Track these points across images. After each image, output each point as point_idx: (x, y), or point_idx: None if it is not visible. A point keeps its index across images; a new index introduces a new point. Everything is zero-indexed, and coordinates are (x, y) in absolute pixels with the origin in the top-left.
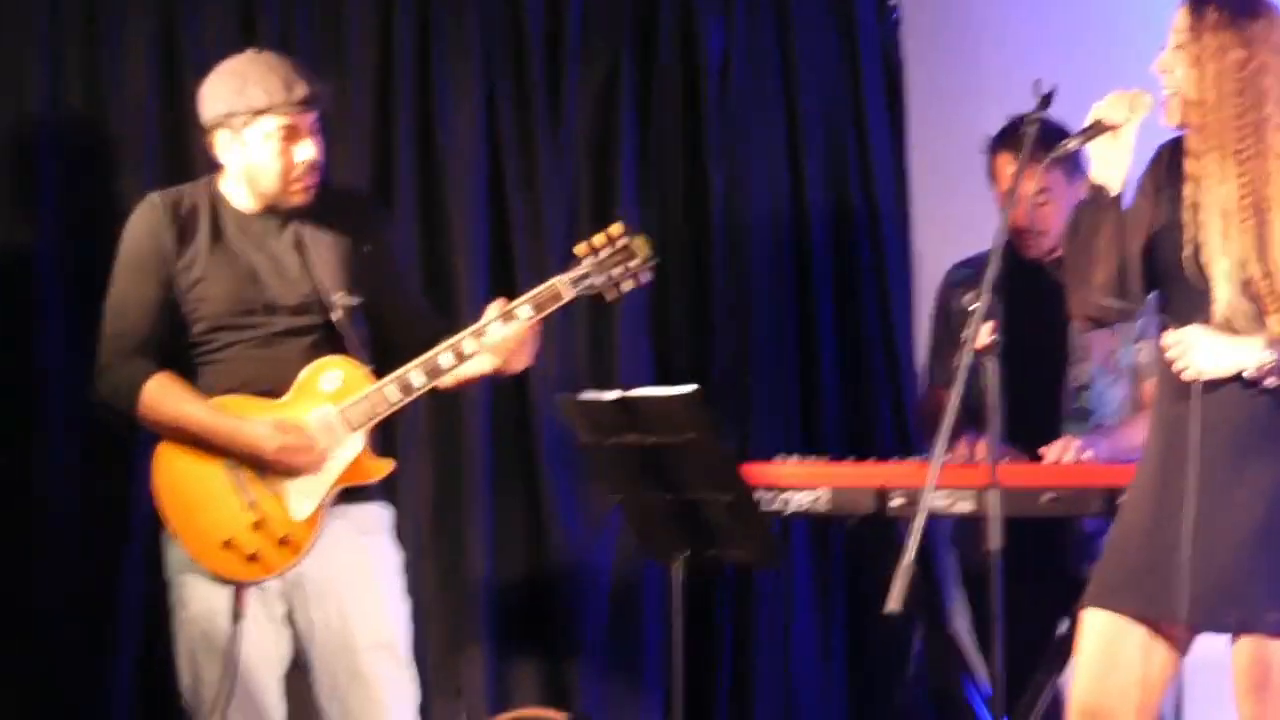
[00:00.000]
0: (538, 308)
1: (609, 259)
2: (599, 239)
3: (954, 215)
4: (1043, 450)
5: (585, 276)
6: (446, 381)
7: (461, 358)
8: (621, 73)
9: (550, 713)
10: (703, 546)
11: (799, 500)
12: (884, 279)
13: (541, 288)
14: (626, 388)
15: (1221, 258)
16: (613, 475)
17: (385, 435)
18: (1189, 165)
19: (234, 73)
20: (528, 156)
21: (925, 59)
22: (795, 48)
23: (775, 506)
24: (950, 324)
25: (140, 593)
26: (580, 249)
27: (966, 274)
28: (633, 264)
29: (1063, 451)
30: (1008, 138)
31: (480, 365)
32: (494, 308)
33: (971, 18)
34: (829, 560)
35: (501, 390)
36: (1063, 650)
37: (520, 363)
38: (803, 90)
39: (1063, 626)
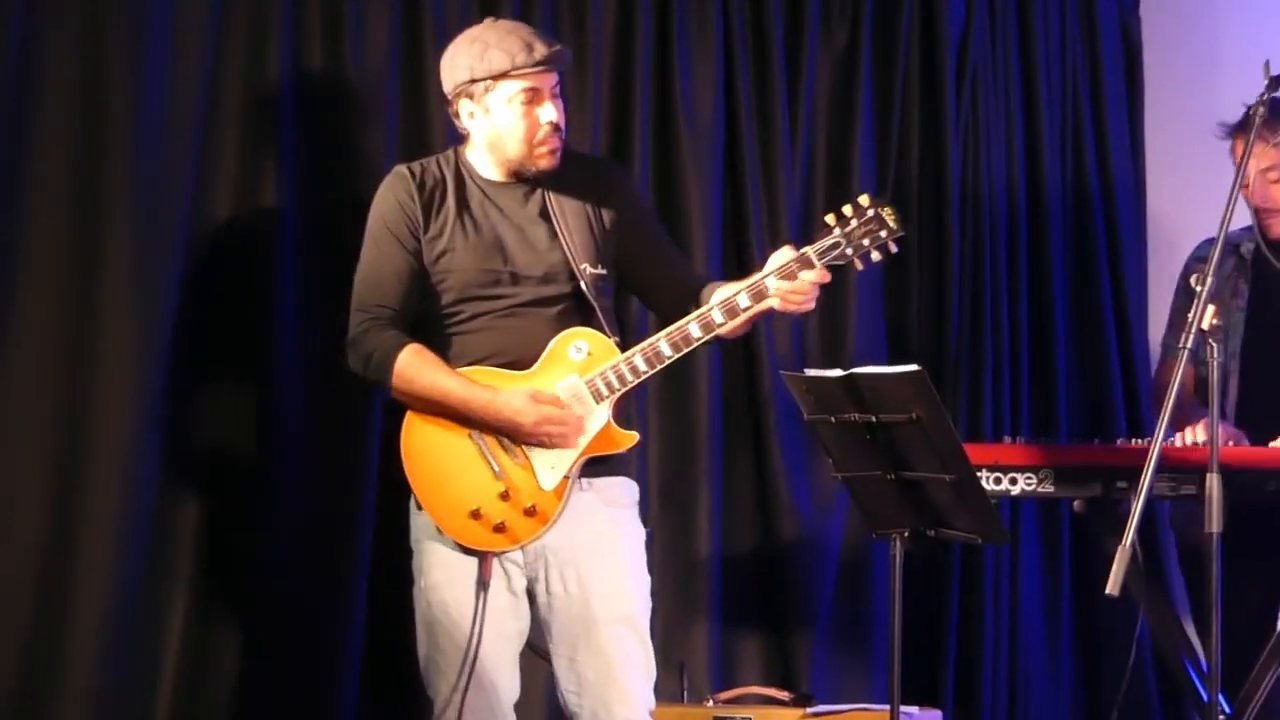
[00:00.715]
0: (787, 279)
1: (858, 229)
2: (848, 209)
3: (1189, 197)
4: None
5: (835, 246)
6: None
7: (711, 329)
8: (861, 46)
9: (774, 691)
10: (927, 524)
11: (1024, 481)
12: (1119, 260)
13: (790, 259)
14: (860, 365)
15: None
16: (838, 452)
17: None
18: None
19: (474, 39)
20: (765, 129)
21: (1163, 39)
22: (1034, 26)
23: (1001, 487)
24: (1190, 298)
25: (368, 568)
26: (829, 218)
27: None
28: (882, 234)
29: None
30: (1242, 124)
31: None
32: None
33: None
34: (1056, 541)
35: (731, 364)
36: None
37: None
38: (1041, 69)
39: None
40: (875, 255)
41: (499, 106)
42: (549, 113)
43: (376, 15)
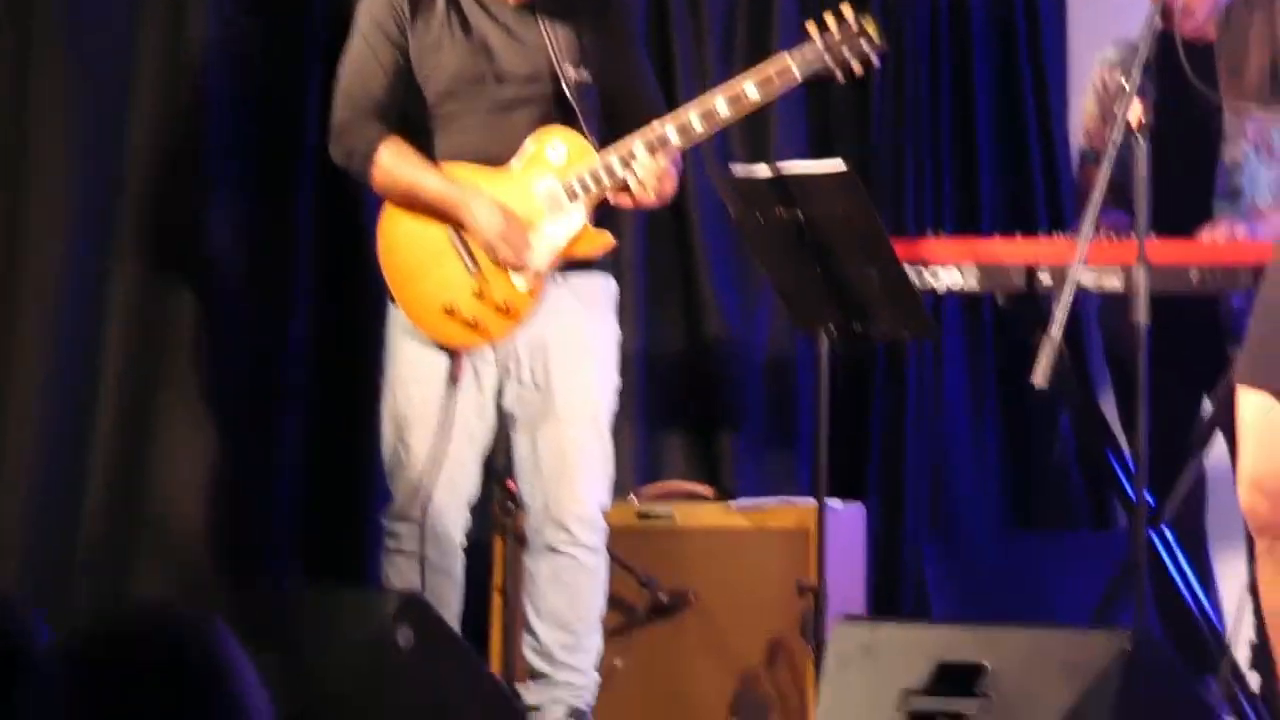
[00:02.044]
0: (763, 86)
1: (840, 40)
2: (829, 18)
3: None
4: (1200, 232)
5: (816, 57)
6: (624, 200)
7: (687, 133)
8: None
9: (698, 486)
10: (853, 320)
11: (948, 277)
12: (1039, 53)
13: (769, 65)
14: (782, 161)
15: None
16: (764, 249)
17: None
18: None
19: None
20: None
21: None
22: None
23: (926, 283)
24: (1101, 102)
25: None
26: (810, 27)
27: (1120, 53)
28: (865, 46)
29: (1220, 235)
30: None
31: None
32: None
33: None
34: (979, 336)
35: None
36: (1206, 429)
37: (662, 196)
38: None
39: (1206, 405)
40: (856, 68)
41: None
42: None
43: None
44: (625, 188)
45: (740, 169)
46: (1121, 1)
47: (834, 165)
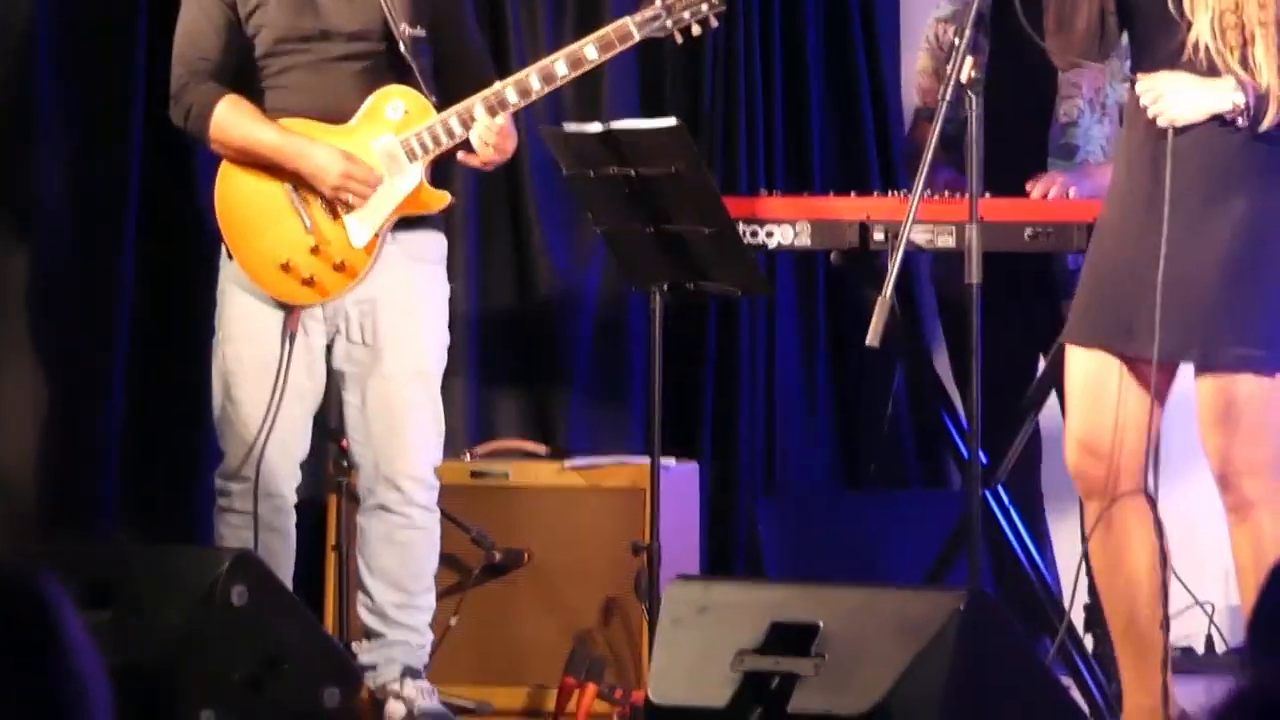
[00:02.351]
0: (604, 48)
1: (679, 1)
2: None
3: None
4: (1028, 185)
5: (654, 18)
6: (473, 159)
7: (527, 94)
8: None
9: (532, 444)
10: (686, 277)
11: (781, 234)
12: (871, 13)
13: (609, 28)
14: (614, 119)
15: None
16: (596, 206)
17: None
18: None
19: None
20: None
21: None
22: None
23: (759, 240)
24: (936, 60)
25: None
26: None
27: (956, 7)
28: (703, 7)
29: (1048, 187)
30: None
31: (483, 144)
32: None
33: None
34: (811, 294)
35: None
36: (1041, 388)
37: (503, 152)
38: None
39: (1040, 364)
40: (695, 29)
41: None
42: None
43: None
44: (468, 146)
45: (572, 126)
46: None
47: (665, 122)
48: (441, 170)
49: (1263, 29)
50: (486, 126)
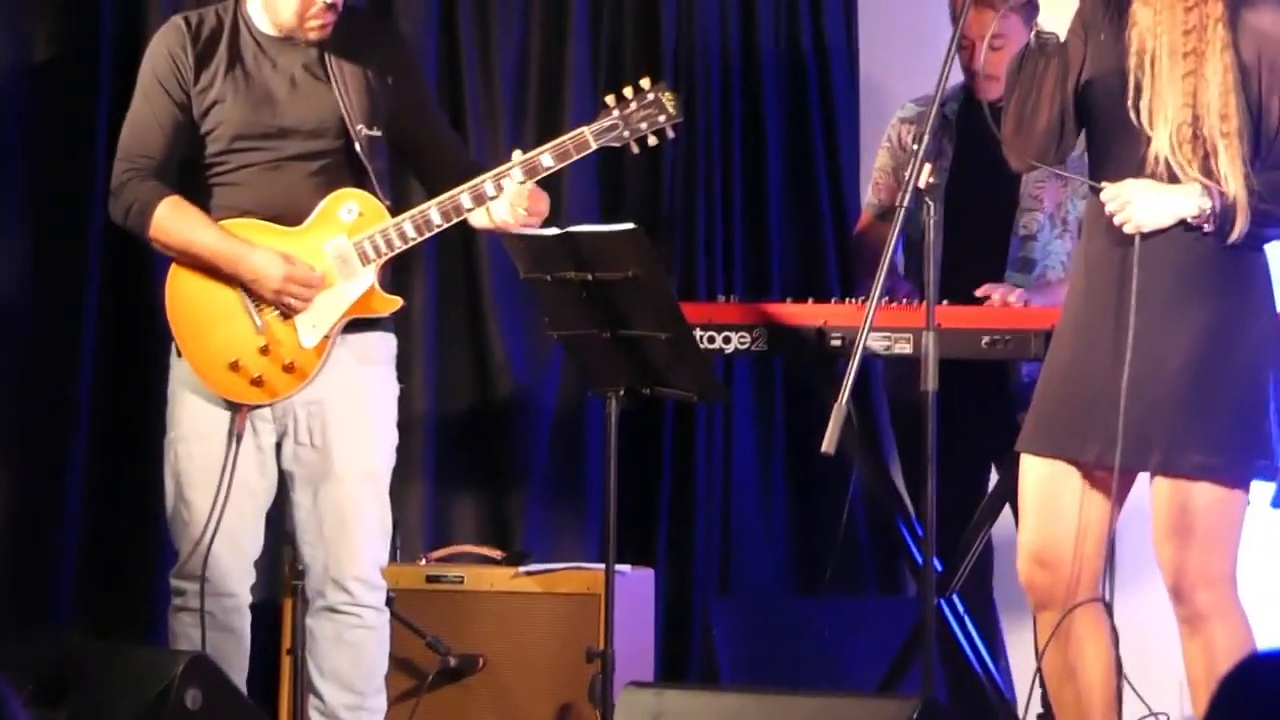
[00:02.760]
0: (560, 157)
1: (637, 111)
2: (629, 90)
3: (904, 52)
4: (982, 290)
5: (611, 128)
6: (481, 223)
7: (481, 200)
8: None
9: (487, 549)
10: (643, 383)
11: (739, 339)
12: (832, 120)
13: (566, 137)
14: (574, 223)
15: (1164, 104)
16: (555, 311)
17: None
18: (1138, 13)
19: None
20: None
21: None
22: None
23: (716, 345)
24: (897, 159)
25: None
26: (609, 99)
27: (920, 111)
28: (660, 118)
29: (1004, 294)
30: None
31: (500, 215)
32: (516, 154)
33: None
34: (769, 400)
35: None
36: (996, 498)
37: (538, 213)
38: None
39: (994, 476)
40: (651, 140)
41: None
42: None
43: None
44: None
45: (530, 230)
46: (915, 67)
47: (624, 227)
48: (402, 269)
49: (1226, 140)
50: (518, 192)
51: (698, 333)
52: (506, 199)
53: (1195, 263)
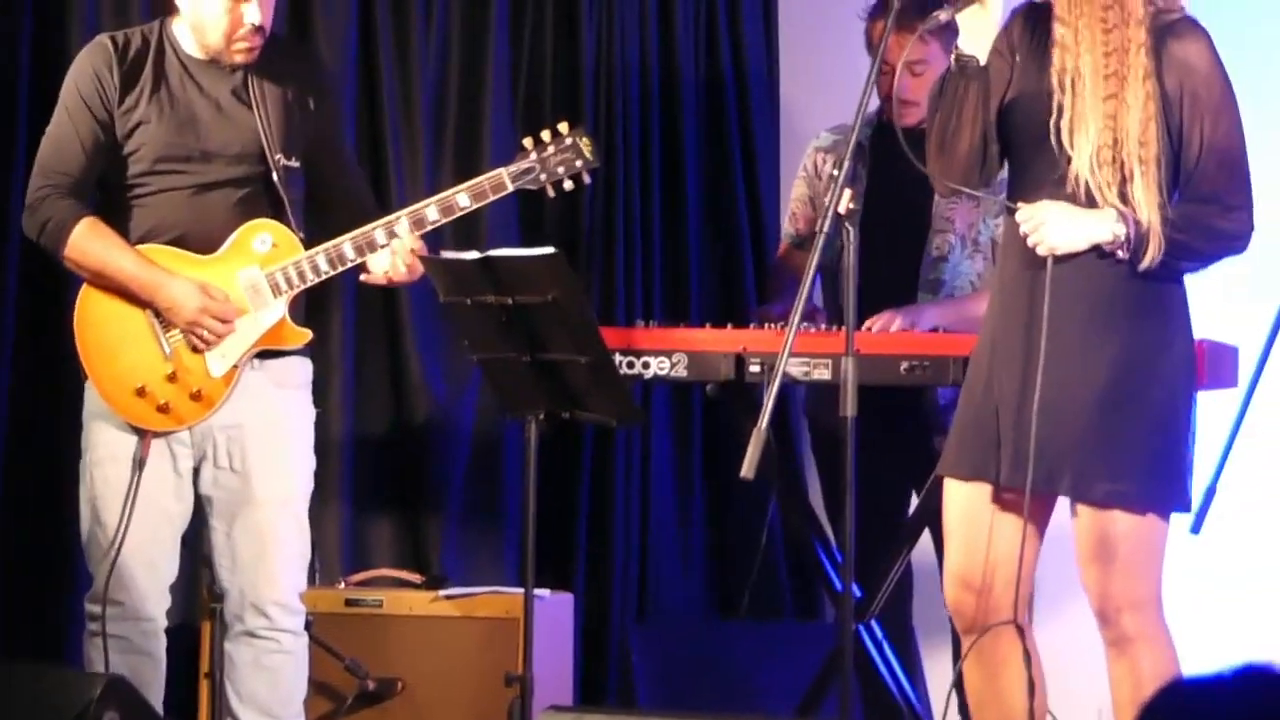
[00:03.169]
0: (476, 198)
1: (554, 155)
2: (546, 134)
3: (823, 81)
4: (867, 323)
5: (528, 170)
6: (375, 278)
7: (394, 236)
8: None
9: (406, 573)
10: (562, 407)
11: (657, 364)
12: (751, 146)
13: (483, 178)
14: (493, 247)
15: (1085, 125)
16: (473, 334)
17: None
18: (1058, 32)
19: None
20: (400, 13)
21: None
22: None
23: (635, 371)
24: (812, 186)
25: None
26: (527, 142)
27: (835, 139)
28: (577, 163)
29: (886, 322)
30: (884, 6)
31: (396, 265)
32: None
33: None
34: (688, 425)
35: None
36: (915, 522)
37: (416, 272)
38: None
39: (914, 501)
40: (568, 184)
41: None
42: (253, 13)
43: None
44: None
45: (449, 253)
46: (837, 90)
47: (543, 251)
48: (320, 291)
49: (1143, 166)
50: (401, 244)
51: (617, 357)
52: (395, 249)
53: (1109, 289)
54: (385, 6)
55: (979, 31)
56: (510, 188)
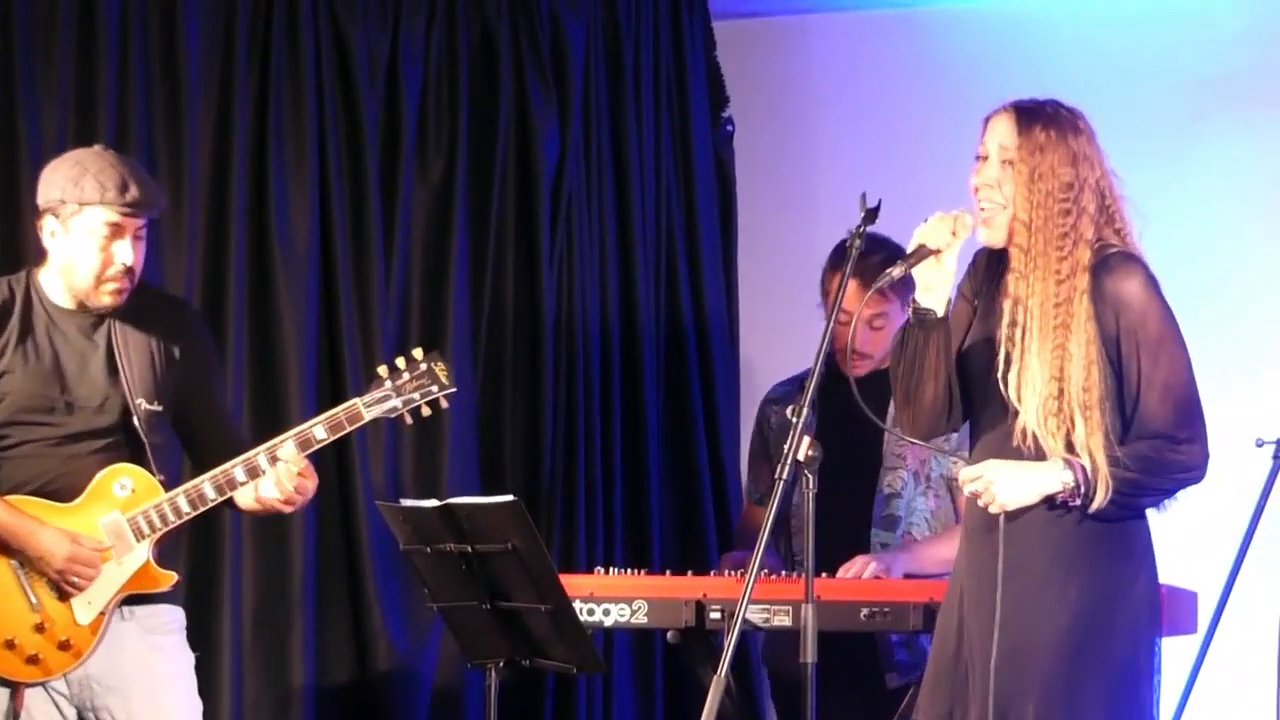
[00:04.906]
0: (333, 429)
1: (409, 382)
2: (401, 361)
3: (783, 329)
4: (841, 568)
5: (384, 399)
6: (247, 503)
7: (256, 474)
8: (457, 176)
9: None
10: (523, 654)
11: (618, 612)
12: (712, 393)
13: (338, 409)
14: (454, 494)
15: (1032, 377)
16: (434, 582)
17: (208, 537)
18: (1013, 283)
19: (75, 163)
20: (361, 258)
21: (756, 170)
22: (629, 158)
23: (595, 618)
24: (767, 440)
25: None
26: (381, 370)
27: (785, 391)
28: (433, 389)
29: (859, 570)
30: (841, 257)
31: (267, 492)
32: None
33: (803, 130)
34: (649, 672)
35: (326, 492)
36: None
37: (304, 492)
38: (635, 201)
39: None
40: (425, 410)
41: (80, 233)
42: (125, 253)
43: None
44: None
45: (409, 501)
46: (795, 333)
47: (503, 499)
48: (280, 537)
49: (1085, 411)
50: (290, 463)
51: (577, 604)
52: (273, 475)
53: (1064, 536)
54: (346, 256)
55: (936, 284)
56: (366, 417)
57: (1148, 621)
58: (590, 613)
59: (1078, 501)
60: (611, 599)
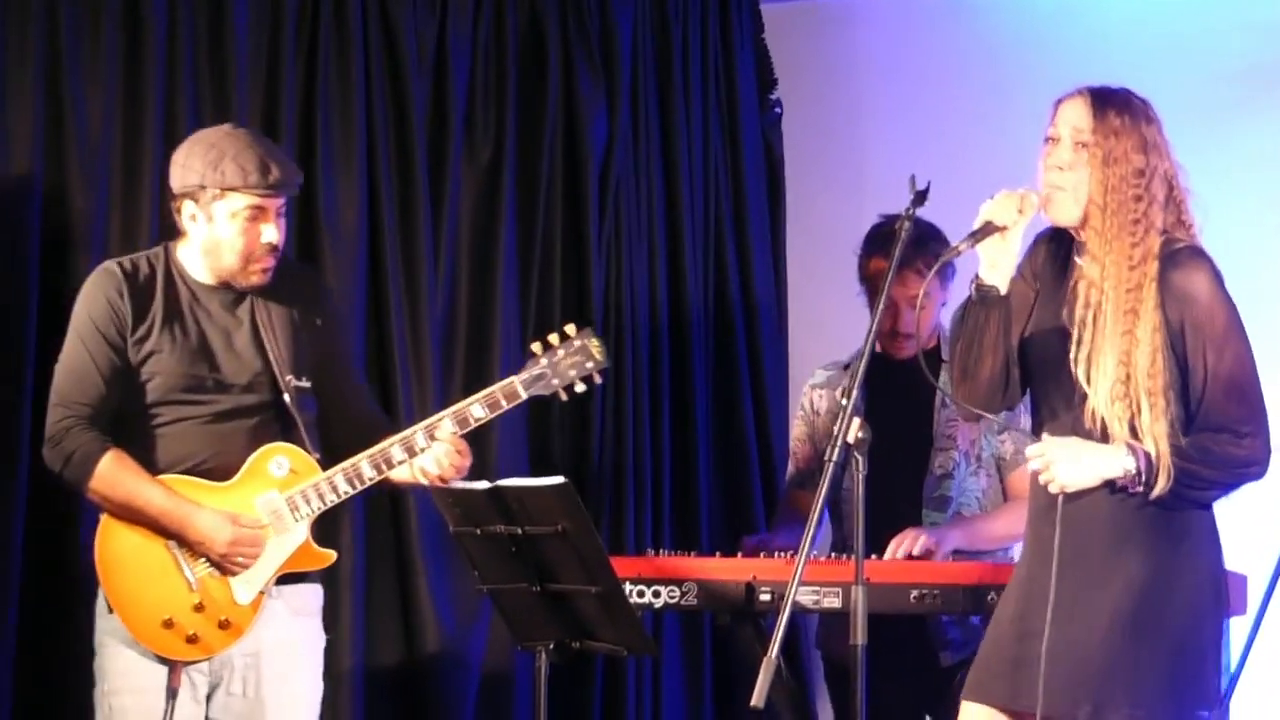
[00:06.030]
0: (491, 408)
1: (564, 359)
2: (554, 338)
3: (831, 313)
4: (891, 544)
5: (540, 377)
6: (400, 478)
7: (413, 452)
8: (505, 160)
9: None
10: (573, 637)
11: (668, 594)
12: (760, 373)
13: (496, 387)
14: (503, 477)
15: (1103, 361)
16: (484, 564)
17: None
18: (1086, 266)
19: (210, 145)
20: (409, 243)
21: (804, 153)
22: (677, 140)
23: (645, 600)
24: (812, 426)
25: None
26: (536, 347)
27: (830, 376)
28: (588, 365)
29: (910, 544)
30: (882, 238)
31: (426, 468)
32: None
33: (851, 113)
34: (698, 654)
35: None
36: None
37: (460, 469)
38: (684, 182)
39: None
40: (580, 386)
41: (223, 218)
42: (271, 233)
43: (16, 104)
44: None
45: (459, 484)
46: (844, 317)
47: (552, 481)
48: (330, 521)
49: (1151, 398)
50: (445, 446)
51: (627, 587)
52: (433, 452)
53: (1121, 521)
54: (394, 243)
55: (1000, 261)
56: (524, 395)
57: (1212, 602)
58: (640, 595)
59: (1139, 488)
60: (661, 581)
